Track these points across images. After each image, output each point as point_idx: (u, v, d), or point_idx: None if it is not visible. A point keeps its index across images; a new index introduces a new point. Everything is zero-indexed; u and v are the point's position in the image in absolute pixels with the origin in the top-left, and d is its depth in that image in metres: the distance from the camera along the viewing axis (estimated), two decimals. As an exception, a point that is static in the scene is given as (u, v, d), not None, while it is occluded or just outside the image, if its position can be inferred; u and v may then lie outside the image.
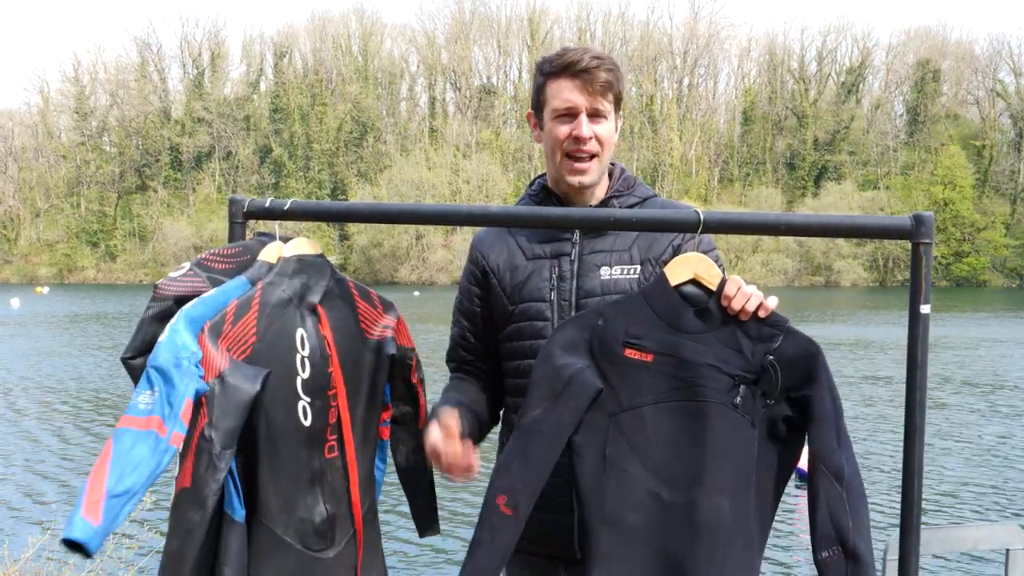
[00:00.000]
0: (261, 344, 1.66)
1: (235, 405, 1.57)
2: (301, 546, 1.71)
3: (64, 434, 11.91)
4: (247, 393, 1.58)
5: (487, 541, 1.63)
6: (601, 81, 1.98)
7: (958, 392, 15.11)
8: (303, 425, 1.71)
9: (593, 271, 2.02)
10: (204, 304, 1.64)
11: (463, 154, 74.51)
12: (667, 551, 1.67)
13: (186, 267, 1.74)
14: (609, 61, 2.00)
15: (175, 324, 1.59)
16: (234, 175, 77.61)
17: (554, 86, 2.01)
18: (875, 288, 64.48)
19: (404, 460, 1.98)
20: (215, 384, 1.57)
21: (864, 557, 1.64)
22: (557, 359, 1.71)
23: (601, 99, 2.00)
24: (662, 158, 74.88)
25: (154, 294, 1.68)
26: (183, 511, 1.54)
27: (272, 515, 1.68)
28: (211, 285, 1.70)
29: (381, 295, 1.94)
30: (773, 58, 79.24)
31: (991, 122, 74.98)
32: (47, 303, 43.57)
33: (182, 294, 1.68)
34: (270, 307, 1.69)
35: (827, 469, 1.66)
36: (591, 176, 2.03)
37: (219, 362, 1.58)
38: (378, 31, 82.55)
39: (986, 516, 8.03)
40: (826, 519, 1.65)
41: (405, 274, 67.36)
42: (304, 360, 1.72)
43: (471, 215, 1.88)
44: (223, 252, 1.80)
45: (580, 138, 1.99)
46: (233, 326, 1.63)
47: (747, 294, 1.71)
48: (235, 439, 1.58)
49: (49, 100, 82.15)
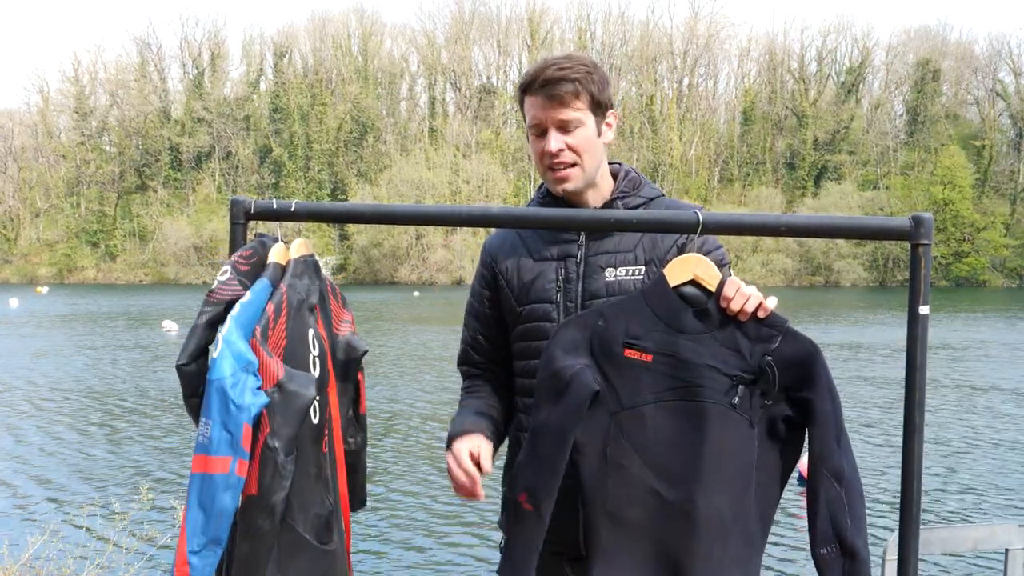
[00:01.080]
0: (290, 346, 1.71)
1: (295, 412, 1.61)
2: (317, 541, 1.75)
3: (62, 434, 11.92)
4: (306, 399, 1.63)
5: (517, 537, 1.71)
6: (563, 92, 1.99)
7: (957, 392, 15.12)
8: (313, 423, 1.75)
9: (598, 272, 2.05)
10: (246, 309, 1.66)
11: (463, 154, 74.52)
12: (667, 548, 1.70)
13: (228, 271, 1.76)
14: (575, 68, 2.00)
15: (227, 334, 1.60)
16: (234, 175, 77.61)
17: (527, 103, 2.06)
18: (875, 288, 64.49)
19: (347, 442, 2.03)
20: (274, 393, 1.60)
21: (861, 555, 1.67)
22: (559, 360, 1.74)
23: (566, 109, 2.01)
24: (662, 158, 74.90)
25: (208, 299, 1.71)
26: (251, 518, 1.59)
27: (294, 514, 1.71)
28: (243, 289, 1.74)
29: (340, 290, 2.01)
30: (773, 58, 79.25)
31: (991, 122, 75.00)
32: (45, 303, 43.58)
33: (232, 298, 1.71)
34: (294, 309, 1.74)
35: (827, 469, 1.68)
36: (574, 183, 2.06)
37: (275, 370, 1.61)
38: (378, 31, 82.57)
39: (985, 516, 8.03)
40: (825, 518, 1.67)
41: (405, 274, 67.37)
42: (315, 359, 1.77)
43: (471, 216, 1.89)
44: (243, 255, 1.82)
45: (550, 152, 2.03)
46: (273, 330, 1.67)
47: (746, 295, 1.72)
48: (295, 445, 1.63)
49: (49, 100, 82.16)
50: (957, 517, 8.02)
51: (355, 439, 2.02)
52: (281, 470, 1.59)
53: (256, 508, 1.58)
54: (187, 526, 1.56)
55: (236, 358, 1.57)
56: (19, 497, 8.87)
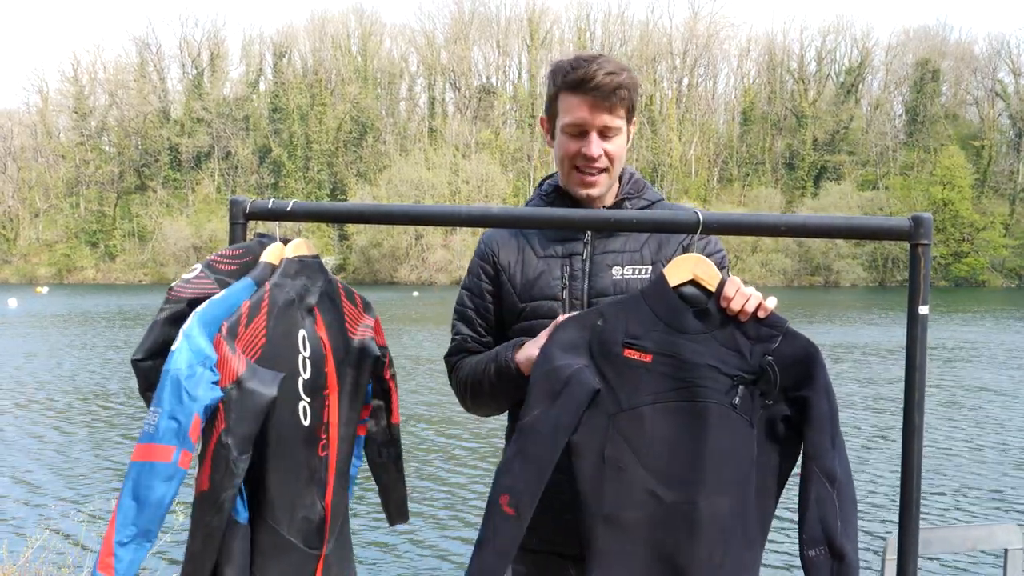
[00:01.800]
0: (269, 345, 1.67)
1: (253, 410, 1.58)
2: (303, 545, 1.73)
3: (60, 433, 11.91)
4: (265, 398, 1.59)
5: (490, 541, 1.65)
6: (614, 98, 1.98)
7: (956, 392, 15.12)
8: (303, 425, 1.73)
9: (605, 271, 2.05)
10: (216, 306, 1.64)
11: (462, 154, 74.54)
12: (666, 550, 1.68)
13: (197, 269, 1.75)
14: (624, 74, 1.99)
15: (189, 329, 1.59)
16: (233, 175, 77.62)
17: (566, 100, 2.02)
18: (875, 288, 64.48)
19: (376, 454, 2.01)
20: (232, 389, 1.57)
21: (850, 558, 1.65)
22: (556, 359, 1.72)
23: (613, 117, 2.00)
24: (661, 158, 74.92)
25: (168, 296, 1.69)
26: (202, 515, 1.57)
27: (277, 516, 1.69)
28: (219, 287, 1.72)
29: (362, 295, 1.96)
30: (772, 58, 79.28)
31: (990, 122, 75.03)
32: (43, 303, 43.55)
33: (195, 296, 1.68)
34: (278, 308, 1.71)
35: (820, 470, 1.67)
36: (599, 188, 2.07)
37: (236, 366, 1.58)
38: (377, 31, 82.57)
39: (984, 516, 8.04)
40: (815, 519, 1.66)
41: (405, 274, 67.36)
42: (306, 361, 1.74)
43: (471, 216, 1.89)
44: (228, 254, 1.81)
45: (589, 156, 2.01)
46: (246, 328, 1.65)
47: (746, 295, 1.72)
48: (251, 444, 1.59)
49: (48, 100, 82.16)
50: (956, 517, 8.02)
51: (387, 450, 1.99)
52: (232, 467, 1.56)
53: (206, 504, 1.56)
54: (118, 515, 1.52)
55: (194, 352, 1.56)
56: (17, 497, 8.87)
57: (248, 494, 1.67)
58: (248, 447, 1.58)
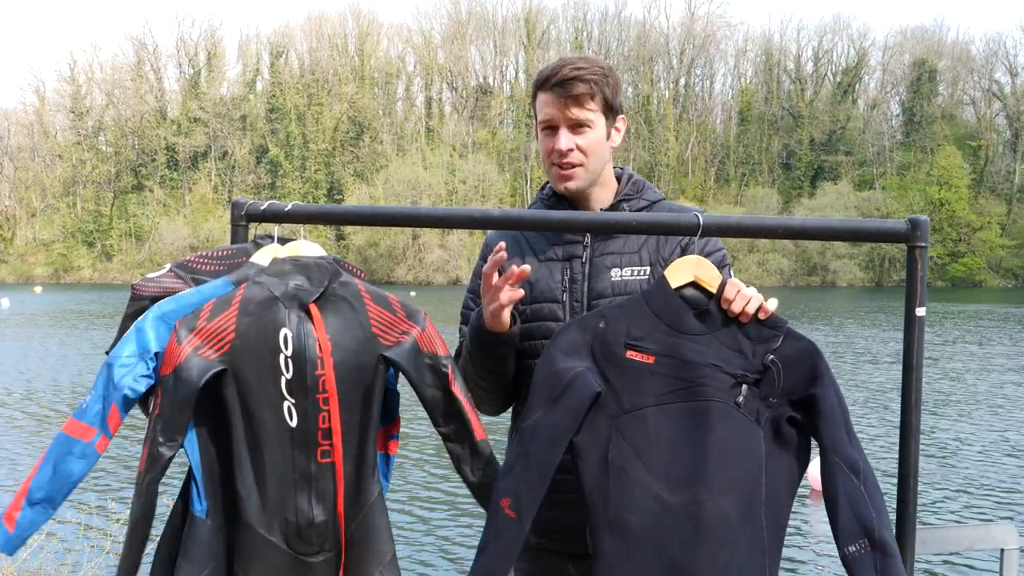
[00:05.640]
0: (239, 341, 1.67)
1: (181, 399, 1.62)
2: (287, 547, 1.71)
3: (53, 432, 11.89)
4: (189, 387, 1.62)
5: (492, 543, 1.65)
6: (578, 92, 2.01)
7: (953, 392, 15.14)
8: (289, 426, 1.70)
9: (604, 273, 2.07)
10: (177, 301, 1.69)
11: (459, 154, 74.50)
12: (670, 553, 1.67)
13: (166, 268, 1.79)
14: (592, 69, 2.02)
15: (142, 322, 1.65)
16: (230, 175, 77.50)
17: (540, 99, 2.08)
18: (871, 288, 64.53)
19: (471, 475, 1.80)
20: (169, 378, 1.62)
21: (892, 548, 1.62)
22: (558, 362, 1.73)
23: (581, 109, 2.03)
24: (658, 158, 74.93)
25: (132, 293, 1.75)
26: (133, 495, 1.64)
27: (256, 515, 1.69)
28: (194, 286, 1.74)
29: (405, 302, 1.81)
30: (769, 58, 79.32)
31: (987, 122, 75.14)
32: (38, 302, 43.49)
33: (159, 294, 1.73)
34: (252, 305, 1.70)
35: (842, 461, 1.66)
36: (577, 182, 2.09)
37: (178, 356, 1.62)
38: (374, 31, 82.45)
39: (981, 516, 8.06)
40: (848, 513, 1.63)
41: (402, 274, 67.28)
42: (288, 360, 1.70)
43: (472, 219, 1.90)
44: (214, 254, 1.82)
45: (559, 151, 2.05)
46: (209, 322, 1.66)
47: (747, 296, 1.73)
48: (181, 432, 1.63)
49: (45, 99, 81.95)
50: (953, 517, 8.04)
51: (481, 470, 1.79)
52: (156, 453, 1.61)
53: (136, 486, 1.63)
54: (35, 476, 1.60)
55: (137, 343, 1.64)
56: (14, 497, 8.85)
57: (224, 490, 1.68)
58: (177, 435, 1.62)
